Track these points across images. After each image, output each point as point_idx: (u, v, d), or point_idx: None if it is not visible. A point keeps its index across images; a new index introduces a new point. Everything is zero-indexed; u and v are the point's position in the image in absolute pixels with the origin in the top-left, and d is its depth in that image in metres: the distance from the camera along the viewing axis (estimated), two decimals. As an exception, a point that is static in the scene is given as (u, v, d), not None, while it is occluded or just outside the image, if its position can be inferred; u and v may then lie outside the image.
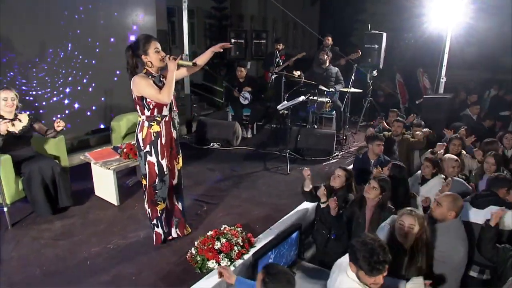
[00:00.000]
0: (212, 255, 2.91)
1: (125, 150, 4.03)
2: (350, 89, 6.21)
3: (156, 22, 6.54)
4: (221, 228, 3.20)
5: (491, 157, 3.93)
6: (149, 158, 2.96)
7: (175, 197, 3.28)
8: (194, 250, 3.01)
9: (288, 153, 5.17)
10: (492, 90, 8.93)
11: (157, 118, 2.93)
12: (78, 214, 3.74)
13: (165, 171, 3.03)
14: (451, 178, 3.61)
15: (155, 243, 3.24)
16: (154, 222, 3.18)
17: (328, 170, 5.18)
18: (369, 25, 7.35)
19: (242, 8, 14.36)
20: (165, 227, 3.25)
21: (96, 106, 5.74)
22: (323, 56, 6.33)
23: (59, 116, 5.18)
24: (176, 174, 3.20)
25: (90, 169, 4.15)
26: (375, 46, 7.01)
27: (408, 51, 10.34)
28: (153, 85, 2.82)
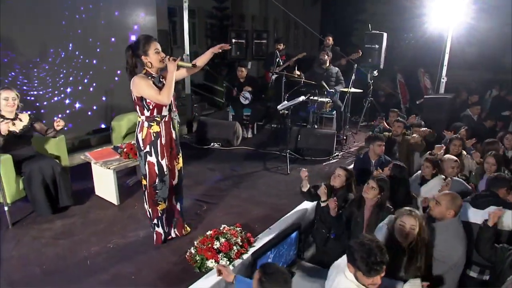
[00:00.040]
0: (211, 254, 2.92)
1: (125, 150, 4.04)
2: (350, 89, 6.21)
3: (157, 22, 6.56)
4: (221, 228, 3.21)
5: (491, 157, 3.92)
6: (149, 158, 2.97)
7: (174, 197, 3.29)
8: (193, 250, 3.02)
9: (288, 153, 5.17)
10: (493, 90, 8.91)
11: (157, 119, 2.94)
12: (79, 214, 3.75)
13: (165, 171, 3.04)
14: (451, 178, 3.61)
15: (155, 242, 3.25)
16: (155, 222, 3.19)
17: (328, 170, 5.18)
18: (369, 25, 7.35)
19: (243, 8, 14.37)
20: (165, 227, 3.26)
21: (97, 106, 5.76)
22: (324, 56, 6.33)
23: (60, 116, 5.20)
24: (177, 174, 3.21)
25: (91, 169, 4.16)
26: (375, 46, 7.01)
27: (409, 51, 10.33)
28: (152, 86, 2.83)
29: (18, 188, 3.50)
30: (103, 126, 5.85)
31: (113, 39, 5.73)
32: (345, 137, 6.34)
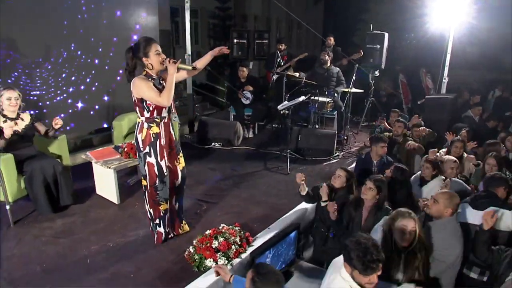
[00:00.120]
0: (210, 253, 2.94)
1: (125, 149, 4.06)
2: (351, 89, 6.21)
3: (159, 22, 6.57)
4: (220, 227, 3.23)
5: (492, 158, 3.89)
6: (148, 159, 2.99)
7: (175, 197, 3.31)
8: (192, 249, 3.04)
9: (288, 153, 5.18)
10: (496, 90, 8.85)
11: (156, 120, 2.96)
12: (79, 213, 3.78)
13: (165, 172, 3.06)
14: (450, 179, 3.61)
15: (156, 242, 3.27)
16: (156, 222, 3.21)
17: (328, 170, 5.19)
18: (371, 25, 7.34)
19: (245, 8, 14.38)
20: (167, 227, 3.28)
21: (99, 106, 5.78)
22: (324, 57, 6.33)
23: (62, 116, 5.23)
24: (180, 174, 3.23)
25: (92, 168, 4.18)
26: (377, 46, 7.00)
27: (411, 51, 10.29)
28: (153, 88, 2.86)
29: (19, 187, 3.53)
30: (105, 125, 5.87)
31: (115, 39, 5.75)
32: (346, 137, 6.34)
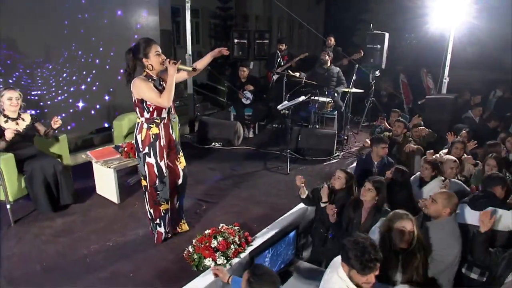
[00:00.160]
0: (209, 253, 2.95)
1: (125, 149, 4.07)
2: (351, 89, 6.20)
3: (160, 22, 6.58)
4: (219, 227, 3.24)
5: (492, 159, 3.87)
6: (148, 159, 3.00)
7: (176, 196, 3.33)
8: (191, 248, 3.05)
9: (288, 153, 5.18)
10: (497, 90, 8.81)
11: (156, 121, 2.98)
12: (79, 212, 3.80)
13: (165, 173, 3.08)
14: (449, 180, 3.61)
15: (156, 241, 3.28)
16: (157, 222, 3.22)
17: (328, 170, 5.19)
18: (371, 25, 7.33)
19: (247, 8, 14.39)
20: (167, 227, 3.30)
21: (100, 105, 5.79)
22: (324, 57, 6.34)
23: (63, 115, 5.26)
24: (181, 174, 3.25)
25: (92, 168, 4.19)
26: (377, 46, 6.98)
27: (411, 51, 10.28)
28: (153, 89, 2.87)
29: (20, 186, 3.55)
30: (106, 125, 5.88)
31: (116, 39, 5.75)
32: (346, 137, 6.33)
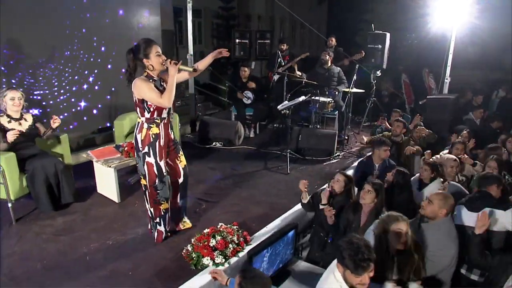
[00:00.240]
0: (207, 252, 2.97)
1: (126, 148, 4.10)
2: (352, 89, 6.20)
3: (162, 22, 6.59)
4: (218, 226, 3.26)
5: (493, 161, 3.86)
6: (147, 159, 3.03)
7: (179, 195, 3.35)
8: (190, 247, 3.07)
9: (288, 153, 5.19)
10: (500, 90, 8.78)
11: (157, 121, 3.00)
12: (80, 211, 3.83)
13: (164, 172, 3.10)
14: (448, 182, 3.61)
15: (156, 240, 3.31)
16: (157, 221, 3.25)
17: (328, 170, 5.20)
18: (372, 25, 7.33)
19: (249, 8, 14.41)
20: (167, 226, 3.32)
21: (102, 105, 5.81)
22: (325, 57, 6.34)
23: (66, 115, 5.30)
24: (182, 172, 3.28)
25: (93, 167, 4.22)
26: (378, 46, 6.98)
27: (413, 51, 10.26)
28: (154, 89, 2.89)
29: (21, 185, 3.58)
30: (108, 124, 5.90)
31: (117, 38, 5.76)
32: (346, 137, 6.33)
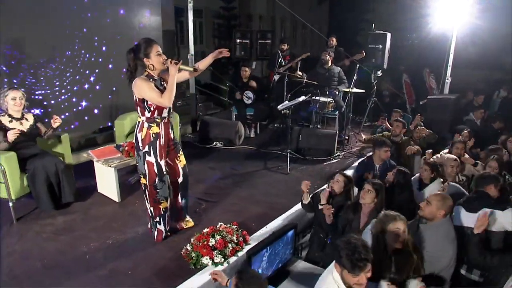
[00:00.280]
0: (206, 251, 2.98)
1: (126, 148, 4.11)
2: (352, 89, 6.20)
3: (163, 22, 6.61)
4: (217, 226, 3.27)
5: (493, 161, 3.86)
6: (148, 158, 3.04)
7: (180, 194, 3.37)
8: (189, 247, 3.08)
9: (288, 153, 5.20)
10: (501, 90, 8.76)
11: (157, 120, 3.02)
12: (80, 210, 3.84)
13: (164, 171, 3.12)
14: (447, 183, 3.60)
15: (156, 239, 3.32)
16: (157, 220, 3.26)
17: (329, 170, 5.20)
18: (373, 25, 7.33)
19: (250, 8, 14.40)
20: (167, 225, 3.34)
21: (103, 105, 5.83)
22: (325, 57, 6.35)
23: (67, 114, 5.32)
24: (181, 172, 3.29)
25: (94, 167, 4.24)
26: (379, 46, 6.97)
27: (414, 51, 10.25)
28: (154, 88, 2.91)
29: (22, 184, 3.59)
30: (109, 124, 5.91)
31: (118, 38, 5.78)
32: (347, 137, 6.33)
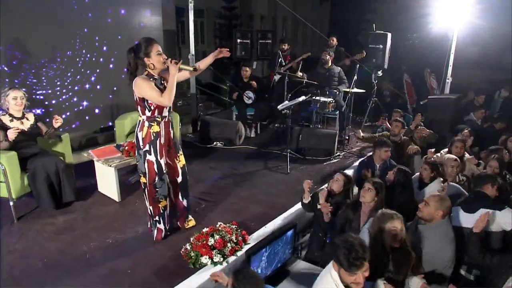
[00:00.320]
0: (206, 251, 2.99)
1: (126, 148, 4.12)
2: (352, 89, 6.20)
3: (164, 22, 6.61)
4: (217, 225, 3.28)
5: (494, 161, 3.86)
6: (148, 157, 3.06)
7: (180, 194, 3.38)
8: (188, 246, 3.09)
9: (289, 153, 5.20)
10: (502, 90, 8.74)
11: (157, 119, 3.03)
12: (81, 209, 3.86)
13: (164, 170, 3.13)
14: (447, 183, 3.61)
15: (155, 238, 3.34)
16: (156, 219, 3.28)
17: (329, 170, 5.20)
18: (374, 25, 7.32)
19: (251, 7, 14.41)
20: (166, 224, 3.35)
21: (104, 104, 5.85)
22: (325, 56, 6.36)
23: (68, 114, 5.34)
24: (180, 172, 3.30)
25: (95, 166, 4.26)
26: (379, 46, 6.97)
27: (415, 51, 10.24)
28: (154, 88, 2.92)
29: (23, 184, 3.61)
30: (110, 124, 5.92)
31: (119, 37, 5.80)
32: (347, 137, 6.33)
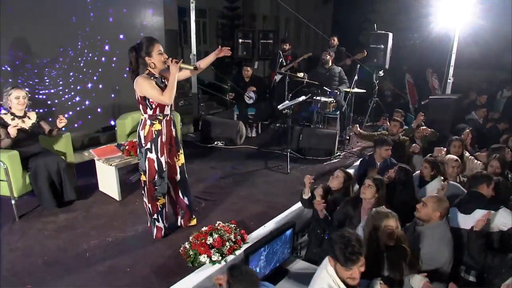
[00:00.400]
0: (204, 249, 3.01)
1: (127, 147, 4.15)
2: (353, 89, 6.20)
3: (166, 22, 6.64)
4: (216, 224, 3.30)
5: (495, 160, 3.87)
6: (149, 155, 3.09)
7: (181, 192, 3.41)
8: (187, 245, 3.11)
9: (289, 153, 5.21)
10: (505, 90, 8.72)
11: (159, 117, 3.07)
12: (82, 208, 3.89)
13: (164, 168, 3.16)
14: (447, 182, 3.61)
15: (155, 237, 3.36)
16: (155, 217, 3.30)
17: (329, 169, 5.20)
18: (375, 25, 7.32)
19: (254, 8, 14.41)
20: (166, 222, 3.38)
21: (106, 104, 5.88)
22: (326, 56, 6.37)
23: (70, 113, 5.37)
24: (178, 170, 3.33)
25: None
26: (381, 46, 6.98)
27: (416, 51, 10.22)
28: (155, 87, 2.95)
29: (24, 182, 3.64)
30: (112, 123, 5.95)
31: (121, 37, 5.83)
32: (348, 137, 6.34)
